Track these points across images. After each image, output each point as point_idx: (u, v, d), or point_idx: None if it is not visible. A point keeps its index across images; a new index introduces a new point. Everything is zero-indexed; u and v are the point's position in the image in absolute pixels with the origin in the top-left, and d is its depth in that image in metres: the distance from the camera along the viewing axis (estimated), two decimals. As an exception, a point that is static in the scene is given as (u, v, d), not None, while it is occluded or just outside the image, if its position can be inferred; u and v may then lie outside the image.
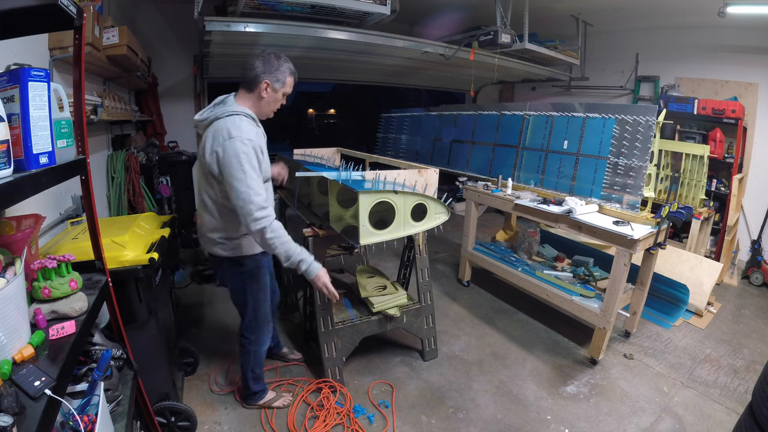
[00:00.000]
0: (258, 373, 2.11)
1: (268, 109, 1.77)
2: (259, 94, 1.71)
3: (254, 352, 2.04)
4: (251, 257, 1.86)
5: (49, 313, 1.08)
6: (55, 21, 1.10)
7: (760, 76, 4.12)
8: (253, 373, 2.09)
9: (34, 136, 0.98)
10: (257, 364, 2.09)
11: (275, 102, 1.75)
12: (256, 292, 1.93)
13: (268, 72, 1.67)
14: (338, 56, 4.29)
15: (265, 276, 1.97)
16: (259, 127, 1.74)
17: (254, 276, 1.90)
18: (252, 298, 1.93)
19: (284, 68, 1.69)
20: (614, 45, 5.37)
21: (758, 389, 1.34)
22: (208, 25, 2.89)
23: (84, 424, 1.04)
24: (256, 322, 1.99)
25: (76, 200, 2.29)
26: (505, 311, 3.33)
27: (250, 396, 2.15)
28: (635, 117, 2.76)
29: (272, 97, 1.72)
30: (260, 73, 1.67)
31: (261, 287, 1.94)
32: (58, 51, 2.02)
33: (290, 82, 1.73)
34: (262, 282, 1.94)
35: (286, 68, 1.70)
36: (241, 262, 1.85)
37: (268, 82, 1.68)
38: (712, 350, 2.83)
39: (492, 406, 2.26)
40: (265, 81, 1.68)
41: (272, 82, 1.69)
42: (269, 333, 2.10)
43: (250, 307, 1.95)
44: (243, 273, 1.87)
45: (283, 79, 1.70)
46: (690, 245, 3.68)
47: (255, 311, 1.96)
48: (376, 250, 4.08)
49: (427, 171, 2.18)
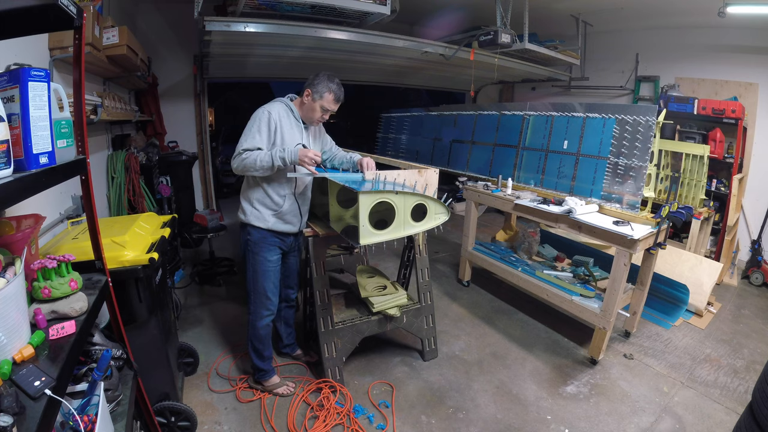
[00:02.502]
0: (258, 348, 2.21)
1: (308, 113, 2.05)
2: (302, 100, 2.06)
3: (250, 322, 2.19)
4: (257, 228, 2.06)
5: (49, 313, 1.08)
6: (55, 21, 1.10)
7: (760, 76, 4.12)
8: (252, 346, 2.22)
9: (34, 136, 0.98)
10: (255, 337, 2.19)
11: (311, 110, 2.02)
12: (256, 263, 2.10)
13: (312, 84, 2.00)
14: (338, 56, 4.28)
15: (268, 253, 2.10)
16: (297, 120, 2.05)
17: (257, 248, 2.08)
18: (252, 269, 2.12)
19: (324, 84, 1.98)
20: (614, 45, 5.37)
21: (758, 389, 1.34)
22: (208, 25, 2.90)
23: (84, 424, 1.04)
24: (254, 293, 2.15)
25: (76, 200, 2.29)
26: (505, 311, 3.33)
27: (256, 372, 2.27)
28: (635, 117, 2.76)
29: (310, 105, 2.01)
30: (307, 84, 2.02)
31: (260, 261, 2.10)
32: (58, 51, 2.02)
33: (329, 98, 1.99)
34: (263, 256, 2.09)
35: (326, 86, 1.98)
36: (249, 231, 2.08)
37: (309, 91, 2.01)
38: (712, 350, 2.83)
39: (492, 406, 2.26)
40: (307, 90, 2.01)
41: (312, 93, 2.00)
42: (268, 311, 2.18)
43: (250, 277, 2.14)
44: (248, 242, 2.09)
45: (321, 93, 1.98)
46: (690, 245, 3.68)
47: (254, 283, 2.13)
48: (376, 250, 4.08)
49: (427, 171, 2.18)
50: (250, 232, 2.07)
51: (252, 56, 4.23)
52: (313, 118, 2.05)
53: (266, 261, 2.10)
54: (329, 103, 2.00)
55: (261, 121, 1.92)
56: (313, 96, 1.99)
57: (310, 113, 2.03)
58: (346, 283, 3.49)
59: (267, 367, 2.26)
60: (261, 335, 2.19)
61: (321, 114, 2.02)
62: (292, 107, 2.03)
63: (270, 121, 1.94)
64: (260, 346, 2.21)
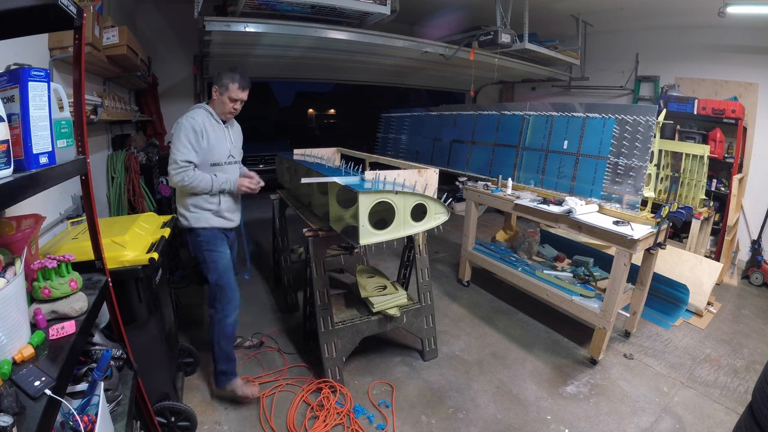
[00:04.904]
0: (225, 350, 2.16)
1: (221, 109, 2.11)
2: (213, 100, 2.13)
3: (219, 322, 2.14)
4: (204, 228, 2.12)
5: (49, 313, 1.08)
6: (55, 21, 1.10)
7: (760, 76, 4.12)
8: (219, 348, 2.15)
9: (34, 136, 0.98)
10: (223, 337, 2.15)
11: (221, 104, 2.09)
12: (215, 260, 2.13)
13: (216, 81, 2.09)
14: (338, 56, 4.29)
15: (223, 246, 2.17)
16: (219, 123, 2.12)
17: (212, 245, 2.13)
18: (213, 267, 2.13)
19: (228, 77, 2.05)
20: (614, 45, 5.37)
21: (758, 389, 1.34)
22: (208, 25, 2.90)
23: (84, 424, 1.04)
24: (219, 289, 2.14)
25: (76, 200, 2.29)
26: (505, 311, 3.33)
27: (219, 375, 2.19)
28: (635, 117, 2.76)
29: (219, 99, 2.09)
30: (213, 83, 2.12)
31: (220, 256, 2.14)
32: (58, 51, 2.02)
33: (233, 87, 2.05)
34: (220, 251, 2.15)
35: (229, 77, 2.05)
36: (197, 233, 2.12)
37: (216, 87, 2.09)
38: (712, 350, 2.83)
39: (492, 406, 2.26)
40: (215, 87, 2.10)
41: (219, 87, 2.08)
42: (233, 305, 2.17)
43: (213, 277, 2.14)
44: (200, 243, 2.13)
45: (227, 85, 2.05)
46: (690, 245, 3.68)
47: (217, 281, 2.13)
48: (376, 250, 4.08)
49: (427, 171, 2.18)
50: (199, 233, 2.12)
51: (252, 56, 4.23)
52: (227, 111, 2.12)
53: (224, 255, 2.16)
54: (235, 92, 2.06)
55: (187, 130, 1.98)
56: (220, 91, 2.07)
57: (222, 108, 2.10)
58: (346, 283, 3.50)
59: (232, 370, 2.20)
60: (230, 334, 2.18)
61: (232, 105, 2.10)
62: (210, 110, 2.10)
63: (195, 129, 2.00)
64: (228, 347, 2.17)
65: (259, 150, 6.65)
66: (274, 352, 2.68)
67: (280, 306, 3.30)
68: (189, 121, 1.99)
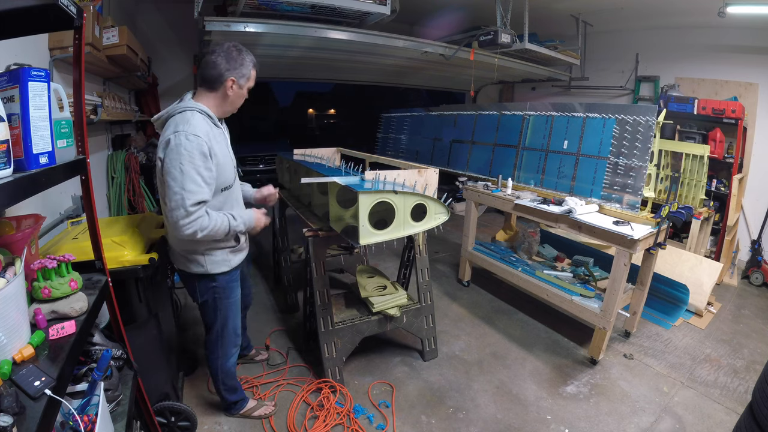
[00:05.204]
0: (230, 385, 2.01)
1: (232, 108, 1.68)
2: (225, 93, 1.60)
3: (220, 367, 1.93)
4: (222, 274, 1.74)
5: (49, 313, 1.08)
6: (55, 21, 1.10)
7: (760, 76, 4.12)
8: (224, 386, 2.00)
9: (34, 136, 0.98)
10: (227, 376, 1.97)
11: (240, 98, 1.66)
12: (226, 308, 1.82)
13: (233, 68, 1.57)
14: (338, 56, 4.28)
15: (237, 290, 1.86)
16: (219, 127, 1.64)
17: (227, 292, 1.80)
18: (222, 315, 1.82)
19: (248, 62, 1.60)
20: (614, 45, 5.37)
21: (758, 389, 1.34)
22: (208, 25, 2.89)
23: (84, 424, 1.04)
24: (222, 338, 1.87)
25: (76, 200, 2.29)
26: (505, 311, 3.33)
27: (230, 406, 2.08)
28: (635, 117, 2.76)
29: (238, 94, 1.63)
30: (224, 71, 1.56)
31: (232, 303, 1.84)
32: (58, 51, 2.02)
33: (254, 75, 1.65)
34: (234, 297, 1.85)
35: (249, 61, 1.60)
36: (214, 278, 1.73)
37: (234, 79, 1.58)
38: (712, 350, 2.83)
39: (492, 406, 2.26)
40: (230, 78, 1.57)
41: (238, 79, 1.59)
42: (237, 346, 1.96)
43: (219, 324, 1.84)
44: (214, 290, 1.76)
45: (248, 74, 1.62)
46: (690, 245, 3.67)
47: (223, 328, 1.85)
48: (376, 250, 4.08)
49: (427, 171, 2.18)
50: (216, 279, 1.73)
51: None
52: (235, 108, 1.69)
53: (236, 301, 1.87)
54: (254, 81, 1.66)
55: (193, 157, 1.45)
56: (239, 82, 1.59)
57: (233, 105, 1.66)
58: (346, 283, 3.50)
59: (241, 396, 2.08)
60: (232, 372, 1.99)
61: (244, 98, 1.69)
62: (208, 112, 1.58)
63: (204, 152, 1.48)
64: (232, 382, 2.01)
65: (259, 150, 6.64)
66: (274, 353, 2.68)
67: (280, 306, 3.30)
68: (193, 141, 1.44)
